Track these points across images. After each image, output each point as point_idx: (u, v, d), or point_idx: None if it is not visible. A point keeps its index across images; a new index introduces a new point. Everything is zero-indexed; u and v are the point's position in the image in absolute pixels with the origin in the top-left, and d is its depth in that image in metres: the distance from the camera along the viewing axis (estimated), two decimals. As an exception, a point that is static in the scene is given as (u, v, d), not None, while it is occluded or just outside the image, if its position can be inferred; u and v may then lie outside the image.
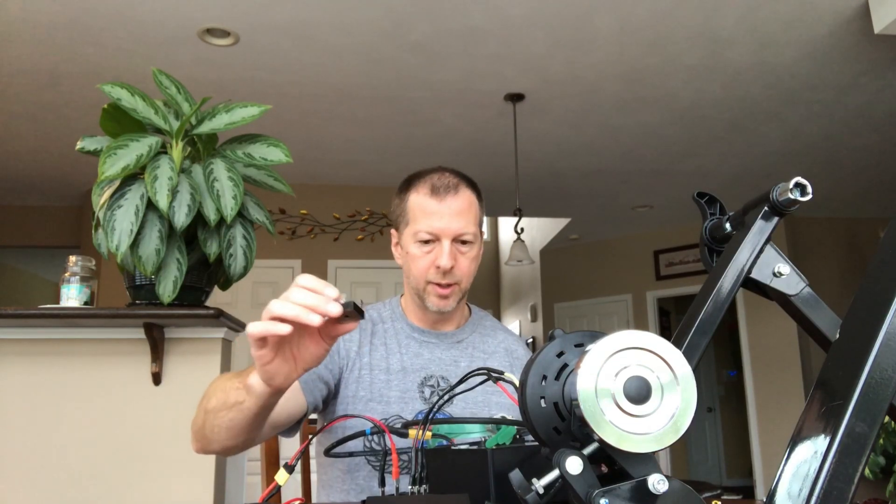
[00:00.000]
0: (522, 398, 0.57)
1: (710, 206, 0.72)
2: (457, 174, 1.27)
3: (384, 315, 1.35)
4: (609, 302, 7.77)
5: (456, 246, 1.22)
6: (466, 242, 1.23)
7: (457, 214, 1.22)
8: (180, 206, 1.72)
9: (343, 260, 5.65)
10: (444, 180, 1.24)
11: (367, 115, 4.48)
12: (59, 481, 1.89)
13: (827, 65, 3.88)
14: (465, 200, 1.23)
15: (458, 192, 1.23)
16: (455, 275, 1.23)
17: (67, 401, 1.96)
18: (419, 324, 1.32)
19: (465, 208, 1.23)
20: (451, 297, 1.25)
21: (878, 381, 0.49)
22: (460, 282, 1.24)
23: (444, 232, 1.21)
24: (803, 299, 0.62)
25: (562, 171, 5.57)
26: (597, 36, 3.54)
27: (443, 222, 1.21)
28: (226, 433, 0.98)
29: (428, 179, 1.25)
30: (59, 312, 1.90)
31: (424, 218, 1.22)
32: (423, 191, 1.24)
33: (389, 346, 1.29)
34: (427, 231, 1.22)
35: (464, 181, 1.26)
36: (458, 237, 1.22)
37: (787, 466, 0.50)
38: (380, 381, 1.24)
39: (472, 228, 1.23)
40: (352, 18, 3.34)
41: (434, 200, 1.22)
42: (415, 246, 1.24)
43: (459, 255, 1.23)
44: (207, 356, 2.03)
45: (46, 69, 3.76)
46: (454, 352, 1.31)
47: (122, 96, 1.77)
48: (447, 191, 1.22)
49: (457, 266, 1.22)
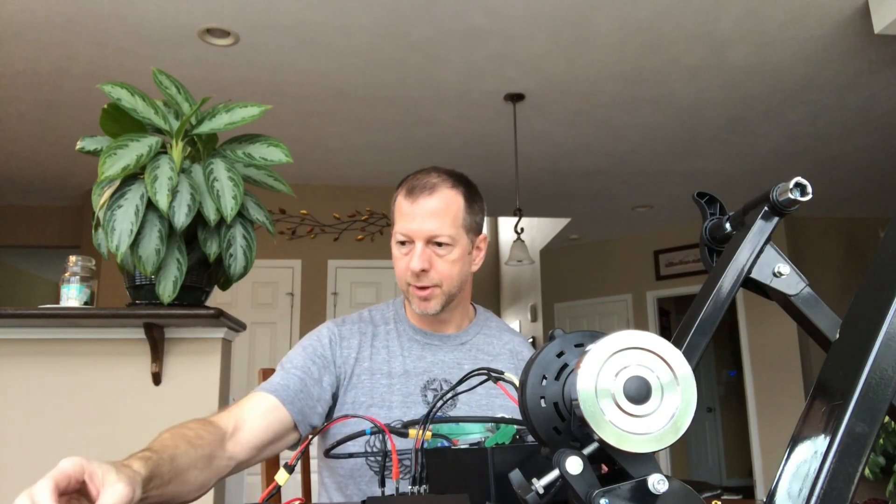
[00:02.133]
0: (522, 398, 0.57)
1: (710, 206, 0.72)
2: (443, 173, 1.23)
3: (387, 316, 1.33)
4: (609, 302, 7.77)
5: (431, 248, 1.19)
6: (442, 244, 1.19)
7: (429, 216, 1.18)
8: (180, 206, 1.72)
9: (343, 260, 5.65)
10: (422, 180, 1.21)
11: (367, 115, 4.48)
12: (59, 481, 1.89)
13: (827, 65, 3.88)
14: (441, 201, 1.19)
15: (434, 192, 1.19)
16: (432, 277, 1.20)
17: (67, 401, 1.96)
18: (420, 325, 1.30)
19: (440, 209, 1.19)
20: (433, 300, 1.21)
21: (878, 381, 0.49)
22: (440, 284, 1.20)
23: (415, 234, 1.19)
24: (803, 299, 0.62)
25: (562, 171, 5.57)
26: (597, 36, 3.54)
27: (414, 224, 1.18)
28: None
29: (410, 180, 1.23)
30: (59, 312, 1.89)
31: (400, 219, 1.21)
32: (402, 192, 1.23)
33: (391, 349, 1.27)
34: (401, 233, 1.20)
35: (448, 181, 1.22)
36: (431, 239, 1.18)
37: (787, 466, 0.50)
38: (381, 386, 1.22)
39: (447, 230, 1.18)
40: (352, 18, 3.34)
41: (408, 201, 1.20)
42: (395, 247, 1.23)
43: (436, 257, 1.19)
44: (207, 356, 2.03)
45: (46, 69, 3.76)
46: (457, 354, 1.29)
47: (122, 96, 1.77)
48: (421, 191, 1.19)
49: (433, 269, 1.19)
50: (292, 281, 5.55)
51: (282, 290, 5.53)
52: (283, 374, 1.18)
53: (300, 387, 1.16)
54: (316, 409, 1.18)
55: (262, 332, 5.40)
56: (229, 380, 2.16)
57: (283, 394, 1.14)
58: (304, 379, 1.18)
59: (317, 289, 5.58)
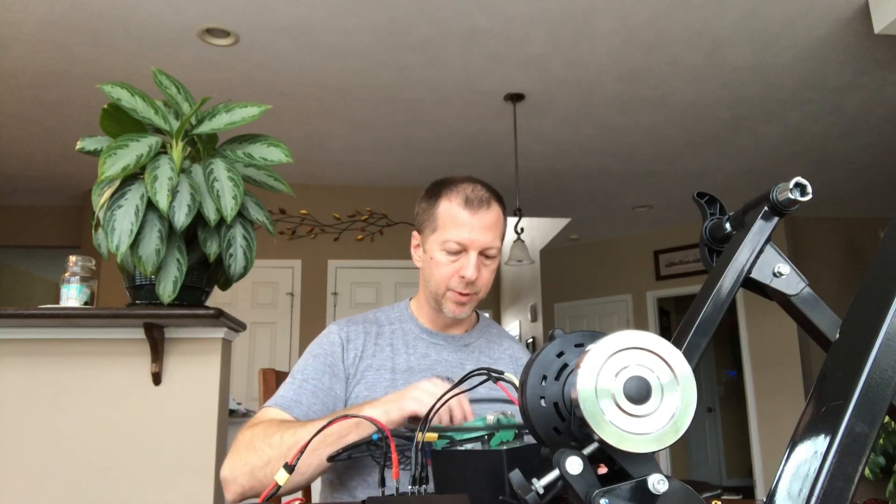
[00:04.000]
0: (522, 398, 0.57)
1: (710, 206, 0.72)
2: (488, 188, 1.29)
3: (392, 317, 1.37)
4: (609, 302, 7.77)
5: (481, 258, 1.25)
6: (490, 256, 1.26)
7: (486, 228, 1.24)
8: (180, 206, 1.72)
9: (343, 260, 5.65)
10: (478, 193, 1.26)
11: (367, 114, 4.48)
12: (58, 481, 1.89)
13: (827, 65, 3.88)
14: (494, 215, 1.26)
15: (490, 206, 1.26)
16: (476, 285, 1.27)
17: (67, 401, 1.96)
18: (428, 325, 1.35)
19: (493, 223, 1.26)
20: (468, 305, 1.29)
21: (878, 381, 0.49)
22: (479, 291, 1.28)
23: (472, 244, 1.24)
24: (803, 299, 0.62)
25: (562, 171, 5.57)
26: (597, 36, 3.54)
27: (473, 234, 1.24)
28: (318, 467, 1.04)
29: (462, 189, 1.27)
30: (59, 312, 1.89)
31: (455, 228, 1.24)
32: (455, 200, 1.26)
33: (396, 346, 1.31)
34: (456, 241, 1.24)
35: (494, 196, 1.29)
36: (484, 250, 1.25)
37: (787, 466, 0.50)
38: (385, 381, 1.26)
39: (497, 243, 1.27)
40: (352, 18, 3.34)
41: (467, 212, 1.24)
42: (441, 253, 1.26)
43: (483, 266, 1.26)
44: (207, 356, 2.03)
45: (46, 69, 3.76)
46: (461, 354, 1.33)
47: (122, 96, 1.77)
48: (480, 204, 1.25)
49: (479, 277, 1.26)
50: (292, 281, 5.55)
51: (282, 290, 5.53)
52: (296, 387, 1.22)
53: (312, 400, 1.20)
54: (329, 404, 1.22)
55: (262, 332, 5.40)
56: (229, 380, 2.16)
57: (296, 411, 1.18)
58: (316, 391, 1.22)
59: (317, 289, 5.58)
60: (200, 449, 1.96)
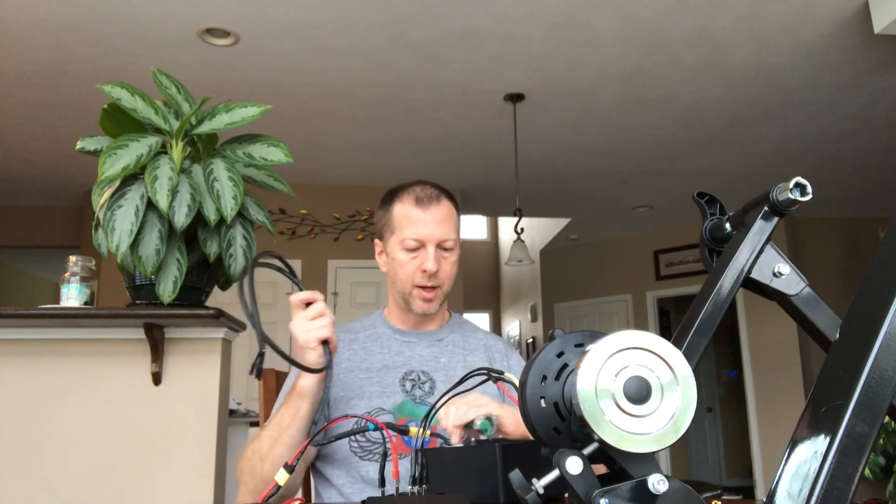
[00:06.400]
0: (522, 398, 0.57)
1: (710, 206, 0.72)
2: (436, 186, 1.37)
3: (366, 325, 1.44)
4: (609, 302, 7.77)
5: (439, 251, 1.32)
6: (448, 249, 1.33)
7: (439, 222, 1.31)
8: (180, 206, 1.72)
9: (343, 260, 5.65)
10: (427, 191, 1.34)
11: (367, 115, 4.48)
12: (58, 481, 1.89)
13: (827, 65, 3.88)
14: (446, 210, 1.33)
15: (440, 202, 1.33)
16: (439, 278, 1.32)
17: (67, 401, 1.96)
18: (402, 326, 1.41)
19: (446, 217, 1.33)
20: (435, 300, 1.34)
21: (878, 381, 0.49)
22: (443, 285, 1.34)
23: (429, 238, 1.30)
24: (803, 299, 0.62)
25: (562, 171, 5.57)
26: (597, 36, 3.54)
27: (428, 229, 1.30)
28: (290, 451, 1.12)
29: (412, 191, 1.35)
30: (59, 312, 1.89)
31: (410, 226, 1.31)
32: (407, 201, 1.33)
33: (370, 348, 1.37)
34: (413, 238, 1.31)
35: (443, 192, 1.36)
36: (441, 243, 1.31)
37: (787, 466, 0.50)
38: (359, 380, 1.31)
39: (453, 235, 1.33)
40: (352, 18, 3.34)
41: (419, 209, 1.32)
42: (402, 252, 1.32)
43: (442, 259, 1.32)
44: (207, 356, 2.03)
45: (46, 69, 3.76)
46: (434, 349, 1.38)
47: (122, 96, 1.77)
48: (430, 201, 1.32)
49: (441, 270, 1.32)
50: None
51: (282, 290, 5.53)
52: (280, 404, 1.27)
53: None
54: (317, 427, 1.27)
55: (262, 333, 5.39)
56: (229, 380, 2.16)
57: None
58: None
59: (317, 289, 5.53)
60: (200, 449, 1.96)
